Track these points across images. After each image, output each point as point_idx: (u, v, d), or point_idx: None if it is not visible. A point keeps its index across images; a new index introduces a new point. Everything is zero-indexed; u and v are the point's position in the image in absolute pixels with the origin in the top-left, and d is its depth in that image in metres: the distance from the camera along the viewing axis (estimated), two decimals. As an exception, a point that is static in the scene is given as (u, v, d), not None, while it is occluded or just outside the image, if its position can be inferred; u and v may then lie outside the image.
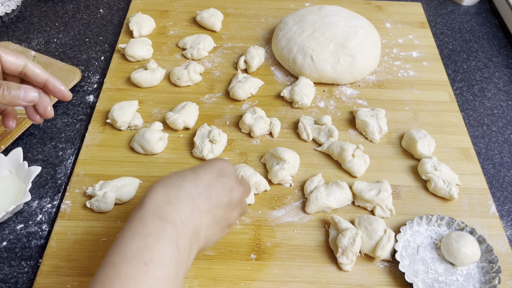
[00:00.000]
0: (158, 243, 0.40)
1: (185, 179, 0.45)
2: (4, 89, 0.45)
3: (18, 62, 0.49)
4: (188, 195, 0.44)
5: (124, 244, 0.39)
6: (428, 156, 0.68)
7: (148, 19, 0.89)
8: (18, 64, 0.49)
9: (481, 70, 0.88)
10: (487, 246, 0.59)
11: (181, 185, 0.45)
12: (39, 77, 0.49)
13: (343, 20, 0.82)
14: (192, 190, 0.44)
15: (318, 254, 0.59)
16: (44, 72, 0.50)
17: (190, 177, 0.46)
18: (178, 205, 0.43)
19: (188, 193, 0.44)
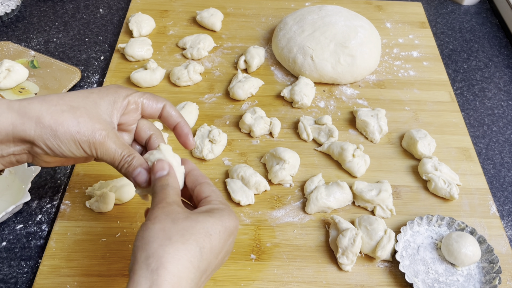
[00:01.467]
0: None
1: (205, 262, 0.40)
2: (125, 162, 0.45)
3: (158, 107, 0.49)
4: (204, 276, 0.40)
5: None
6: (429, 156, 0.68)
7: (148, 19, 0.89)
8: (157, 109, 0.49)
9: (481, 70, 0.88)
10: (487, 247, 0.58)
11: (205, 271, 0.40)
12: (172, 119, 0.50)
13: (343, 20, 0.82)
14: (186, 262, 0.38)
15: (318, 254, 0.59)
16: (178, 116, 0.50)
17: (208, 258, 0.40)
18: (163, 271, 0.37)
19: (204, 274, 0.40)
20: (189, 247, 0.38)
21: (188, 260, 0.38)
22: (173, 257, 0.37)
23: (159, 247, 0.37)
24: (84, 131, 0.42)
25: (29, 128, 0.41)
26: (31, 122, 0.41)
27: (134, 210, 0.62)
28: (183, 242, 0.38)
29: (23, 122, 0.41)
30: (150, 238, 0.38)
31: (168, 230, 0.39)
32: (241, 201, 0.62)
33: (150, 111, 0.49)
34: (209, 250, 0.40)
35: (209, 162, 0.68)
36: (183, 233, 0.39)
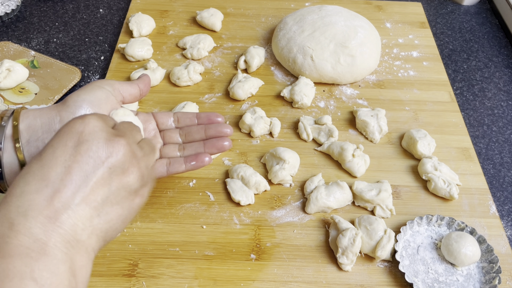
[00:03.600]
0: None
1: (27, 177, 0.33)
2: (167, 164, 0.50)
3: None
4: (36, 201, 0.32)
5: None
6: (428, 156, 0.68)
7: (148, 19, 0.89)
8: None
9: (481, 70, 0.88)
10: (487, 246, 0.58)
11: (23, 192, 0.32)
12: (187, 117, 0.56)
13: (343, 20, 0.82)
14: (42, 190, 0.32)
15: (318, 254, 0.59)
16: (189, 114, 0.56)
17: (35, 170, 0.33)
18: (24, 222, 0.31)
19: (36, 198, 0.32)
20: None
21: (4, 199, 0.34)
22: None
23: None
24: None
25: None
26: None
27: (134, 210, 0.62)
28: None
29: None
30: None
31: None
32: (241, 201, 0.62)
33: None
34: (37, 165, 0.34)
35: (209, 162, 0.68)
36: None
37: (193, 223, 0.61)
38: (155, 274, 0.56)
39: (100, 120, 0.37)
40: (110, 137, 0.36)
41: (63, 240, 0.32)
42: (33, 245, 0.31)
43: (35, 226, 0.31)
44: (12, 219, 0.31)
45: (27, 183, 0.33)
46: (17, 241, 0.31)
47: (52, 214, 0.32)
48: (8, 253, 0.30)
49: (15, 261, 0.30)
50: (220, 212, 0.62)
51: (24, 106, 0.48)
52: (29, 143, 0.42)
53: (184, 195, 0.64)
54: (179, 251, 0.58)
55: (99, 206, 0.35)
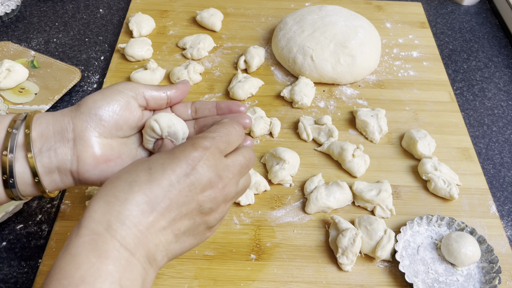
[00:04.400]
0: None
1: (134, 186, 0.34)
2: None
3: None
4: (136, 212, 0.34)
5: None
6: (428, 156, 0.68)
7: (148, 19, 0.89)
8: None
9: (481, 70, 0.88)
10: (487, 246, 0.58)
11: (127, 199, 0.34)
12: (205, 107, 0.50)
13: (343, 20, 0.82)
14: (142, 204, 0.34)
15: (318, 254, 0.59)
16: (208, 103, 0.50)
17: (142, 182, 0.35)
18: (121, 229, 0.33)
19: (136, 209, 0.34)
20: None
21: (104, 197, 0.35)
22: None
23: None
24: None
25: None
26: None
27: (134, 210, 0.62)
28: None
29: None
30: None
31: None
32: (241, 201, 0.62)
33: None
34: (146, 177, 0.35)
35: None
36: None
37: (193, 223, 0.61)
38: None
39: (213, 157, 0.37)
40: (213, 178, 0.37)
41: (145, 256, 0.34)
42: (124, 253, 0.33)
43: (128, 236, 0.33)
44: (111, 222, 0.33)
45: (132, 192, 0.34)
46: (112, 245, 0.32)
47: (144, 229, 0.34)
48: (104, 254, 0.32)
49: (109, 264, 0.32)
50: (220, 212, 0.62)
51: (38, 110, 0.45)
52: (41, 152, 0.41)
53: (184, 195, 0.64)
54: (179, 251, 0.58)
55: (180, 235, 0.37)
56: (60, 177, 0.42)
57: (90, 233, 0.33)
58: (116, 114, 0.43)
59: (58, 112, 0.43)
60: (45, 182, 0.42)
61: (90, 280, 0.31)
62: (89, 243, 0.32)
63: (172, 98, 0.47)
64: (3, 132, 0.40)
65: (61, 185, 0.43)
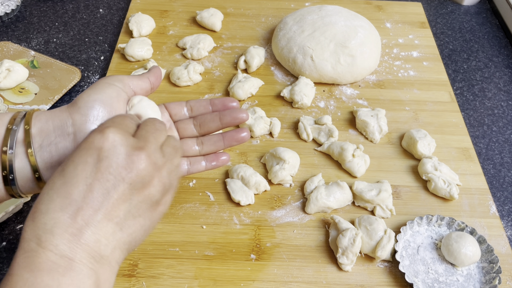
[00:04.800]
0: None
1: (52, 194, 0.34)
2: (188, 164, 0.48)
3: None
4: (62, 218, 0.33)
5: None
6: (428, 156, 0.68)
7: (148, 19, 0.89)
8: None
9: (481, 70, 0.88)
10: (487, 247, 0.58)
11: (48, 208, 0.33)
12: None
13: (343, 20, 0.82)
14: (65, 208, 0.33)
15: (318, 254, 0.59)
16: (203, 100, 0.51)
17: (58, 187, 0.34)
18: (52, 239, 0.32)
19: (61, 216, 0.33)
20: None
21: (31, 216, 0.35)
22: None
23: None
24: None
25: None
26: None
27: (134, 210, 0.62)
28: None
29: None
30: None
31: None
32: (241, 201, 0.62)
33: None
34: (60, 181, 0.34)
35: (209, 162, 0.68)
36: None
37: (193, 223, 0.61)
38: (155, 274, 0.56)
39: (119, 133, 0.36)
40: (130, 151, 0.35)
41: (88, 256, 0.33)
42: (60, 261, 0.32)
43: (61, 243, 0.32)
44: (40, 235, 0.32)
45: (52, 201, 0.34)
46: (45, 256, 0.32)
47: (76, 231, 0.33)
48: (36, 267, 0.31)
49: (43, 276, 0.31)
50: (220, 212, 0.62)
51: (37, 108, 0.46)
52: (41, 148, 0.41)
53: (184, 195, 0.64)
54: (179, 251, 0.58)
55: (121, 221, 0.35)
56: None
57: (24, 252, 0.32)
58: (110, 106, 0.43)
59: (56, 110, 0.43)
60: (46, 177, 0.42)
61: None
62: (22, 261, 0.32)
63: (153, 83, 0.49)
64: (3, 129, 0.41)
65: None
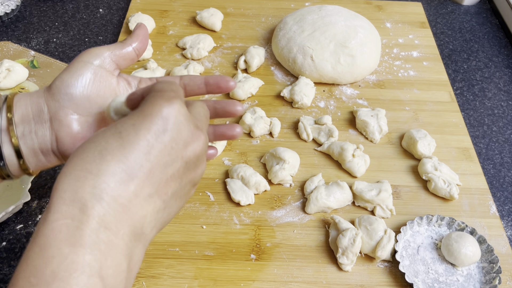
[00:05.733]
0: (69, 287, 0.26)
1: (106, 154, 0.30)
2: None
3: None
4: (113, 184, 0.29)
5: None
6: (429, 156, 0.68)
7: (147, 18, 0.89)
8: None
9: (481, 70, 0.88)
10: (487, 247, 0.58)
11: (100, 169, 0.29)
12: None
13: (343, 20, 0.82)
14: (120, 173, 0.29)
15: (318, 254, 0.59)
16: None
17: (114, 148, 0.30)
18: (99, 206, 0.28)
19: (114, 180, 0.29)
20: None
21: (73, 172, 0.30)
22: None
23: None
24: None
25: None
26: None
27: (134, 210, 0.62)
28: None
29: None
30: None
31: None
32: (241, 201, 0.62)
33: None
34: (118, 144, 0.31)
35: (209, 162, 0.68)
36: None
37: (193, 223, 0.61)
38: (155, 274, 0.56)
39: (184, 108, 0.33)
40: (193, 129, 0.33)
41: (131, 232, 0.30)
42: (103, 235, 0.28)
43: (108, 213, 0.29)
44: (85, 200, 0.28)
45: (105, 162, 0.29)
46: (89, 228, 0.28)
47: (126, 202, 0.29)
48: (79, 241, 0.27)
49: (86, 254, 0.27)
50: (220, 212, 0.62)
51: (16, 92, 0.44)
52: (24, 135, 0.40)
53: (184, 195, 0.64)
54: (179, 251, 0.58)
55: (168, 199, 0.33)
56: (44, 157, 0.41)
57: (62, 217, 0.28)
58: (86, 89, 0.40)
59: (35, 93, 0.41)
60: (32, 163, 0.41)
61: (64, 276, 0.26)
62: (60, 231, 0.27)
63: (139, 50, 0.44)
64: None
65: (48, 165, 0.42)
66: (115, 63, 0.42)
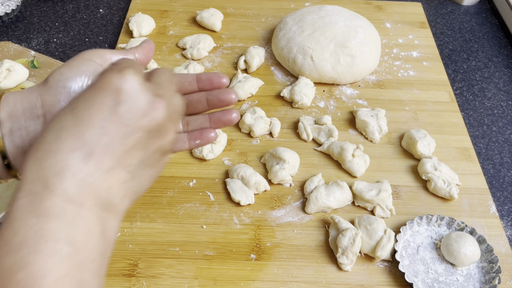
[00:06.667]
0: (37, 254, 0.27)
1: (61, 133, 0.31)
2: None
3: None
4: (73, 160, 0.30)
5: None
6: (428, 156, 0.68)
7: (148, 19, 0.89)
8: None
9: (481, 70, 0.88)
10: (487, 246, 0.58)
11: (58, 148, 0.30)
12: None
13: (343, 20, 0.82)
14: (78, 149, 0.30)
15: (318, 254, 0.59)
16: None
17: (69, 126, 0.31)
18: (61, 182, 0.29)
19: (72, 157, 0.30)
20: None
21: (34, 153, 0.31)
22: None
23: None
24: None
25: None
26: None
27: (134, 210, 0.62)
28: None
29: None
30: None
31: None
32: (241, 201, 0.62)
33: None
34: (72, 121, 0.31)
35: (209, 162, 0.68)
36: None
37: (193, 223, 0.61)
38: (155, 274, 0.56)
39: (138, 76, 0.33)
40: (150, 97, 0.33)
41: (98, 204, 0.31)
42: (68, 207, 0.29)
43: (71, 188, 0.29)
44: (47, 178, 0.29)
45: (61, 140, 0.30)
46: (53, 201, 0.29)
47: (87, 176, 0.30)
48: (44, 212, 0.28)
49: (51, 222, 0.28)
50: (220, 212, 0.63)
51: (5, 90, 0.42)
52: (12, 132, 0.38)
53: (184, 195, 0.64)
54: (179, 251, 0.58)
55: (134, 170, 0.33)
56: None
57: (27, 194, 0.29)
58: (85, 84, 0.39)
59: (26, 90, 0.40)
60: (19, 162, 0.39)
61: (31, 243, 0.27)
62: (25, 205, 0.29)
63: (141, 60, 0.44)
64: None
65: None
66: None
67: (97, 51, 0.41)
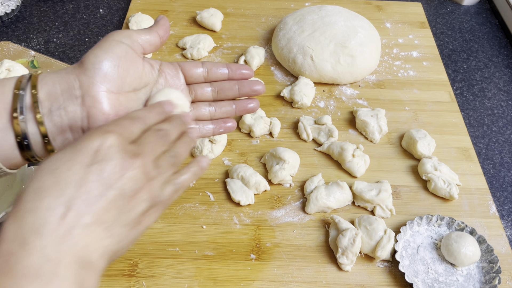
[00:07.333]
0: None
1: (41, 192, 0.32)
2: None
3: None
4: (51, 217, 0.31)
5: None
6: (428, 156, 0.68)
7: (148, 19, 0.89)
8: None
9: (481, 70, 0.88)
10: (487, 246, 0.58)
11: (36, 207, 0.31)
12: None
13: (343, 20, 0.82)
14: (55, 208, 0.31)
15: (318, 254, 0.59)
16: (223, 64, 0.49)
17: (48, 186, 0.32)
18: (38, 240, 0.30)
19: (51, 214, 0.31)
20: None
21: (14, 213, 0.33)
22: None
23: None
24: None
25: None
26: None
27: (134, 210, 0.62)
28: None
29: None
30: None
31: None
32: (241, 201, 0.62)
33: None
34: (51, 179, 0.33)
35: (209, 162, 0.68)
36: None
37: (193, 223, 0.61)
38: (155, 274, 0.56)
39: (118, 139, 0.35)
40: (124, 158, 0.34)
41: (75, 261, 0.31)
42: (45, 266, 0.29)
43: (48, 245, 0.30)
44: (25, 236, 0.30)
45: (41, 199, 0.31)
46: (29, 261, 0.29)
47: (65, 233, 0.31)
48: (20, 273, 0.29)
49: (28, 283, 0.29)
50: (220, 212, 0.63)
51: (40, 72, 0.43)
52: (51, 112, 0.39)
53: (184, 195, 0.64)
54: (179, 251, 0.58)
55: (110, 227, 0.34)
56: (72, 135, 0.41)
57: (3, 254, 0.30)
58: (118, 66, 0.41)
59: (62, 71, 0.41)
60: (58, 142, 0.40)
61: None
62: (2, 266, 0.29)
63: (163, 37, 0.46)
64: (10, 94, 0.39)
65: None
66: (142, 46, 0.44)
67: (125, 32, 0.43)
